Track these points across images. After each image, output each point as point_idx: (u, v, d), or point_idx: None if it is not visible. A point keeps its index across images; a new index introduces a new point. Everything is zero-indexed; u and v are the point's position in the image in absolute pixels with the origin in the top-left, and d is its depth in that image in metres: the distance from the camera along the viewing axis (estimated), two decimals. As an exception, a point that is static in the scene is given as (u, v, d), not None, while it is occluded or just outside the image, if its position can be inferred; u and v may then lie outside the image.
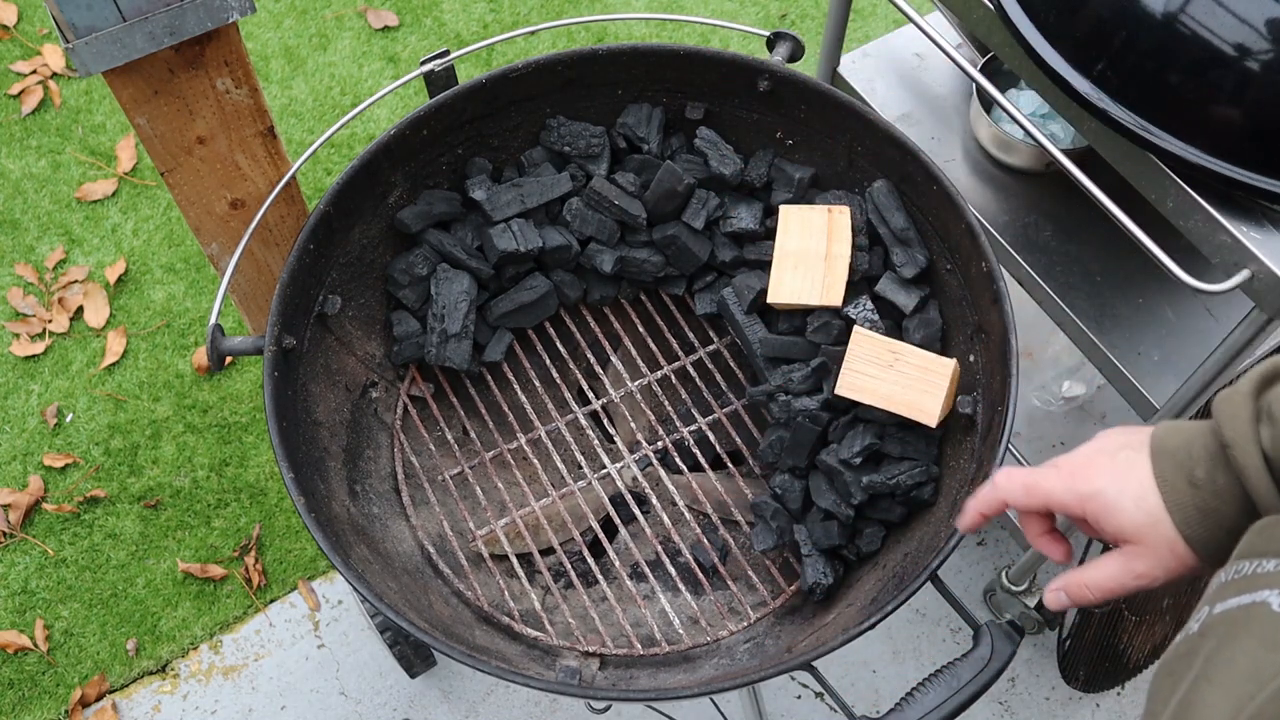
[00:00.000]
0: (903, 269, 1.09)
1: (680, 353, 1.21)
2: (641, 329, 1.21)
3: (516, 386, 1.18)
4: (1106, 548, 0.70)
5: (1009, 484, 0.71)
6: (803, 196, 1.15)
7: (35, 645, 1.57)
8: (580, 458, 1.19)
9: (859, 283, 1.12)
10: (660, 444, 1.18)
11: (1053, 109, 1.07)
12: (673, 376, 1.20)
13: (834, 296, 1.09)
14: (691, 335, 1.23)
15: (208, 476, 1.69)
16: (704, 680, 0.98)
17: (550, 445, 1.15)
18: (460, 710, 1.53)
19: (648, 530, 1.12)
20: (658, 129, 1.16)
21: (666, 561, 1.11)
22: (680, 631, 1.07)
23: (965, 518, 0.74)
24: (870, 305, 1.10)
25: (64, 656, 1.57)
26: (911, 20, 1.14)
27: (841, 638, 0.87)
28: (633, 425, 1.18)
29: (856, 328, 1.05)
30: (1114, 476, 0.66)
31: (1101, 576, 0.67)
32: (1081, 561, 1.43)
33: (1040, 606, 1.48)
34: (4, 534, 1.64)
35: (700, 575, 1.11)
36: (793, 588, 1.10)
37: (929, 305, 1.10)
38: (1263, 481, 0.59)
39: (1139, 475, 0.64)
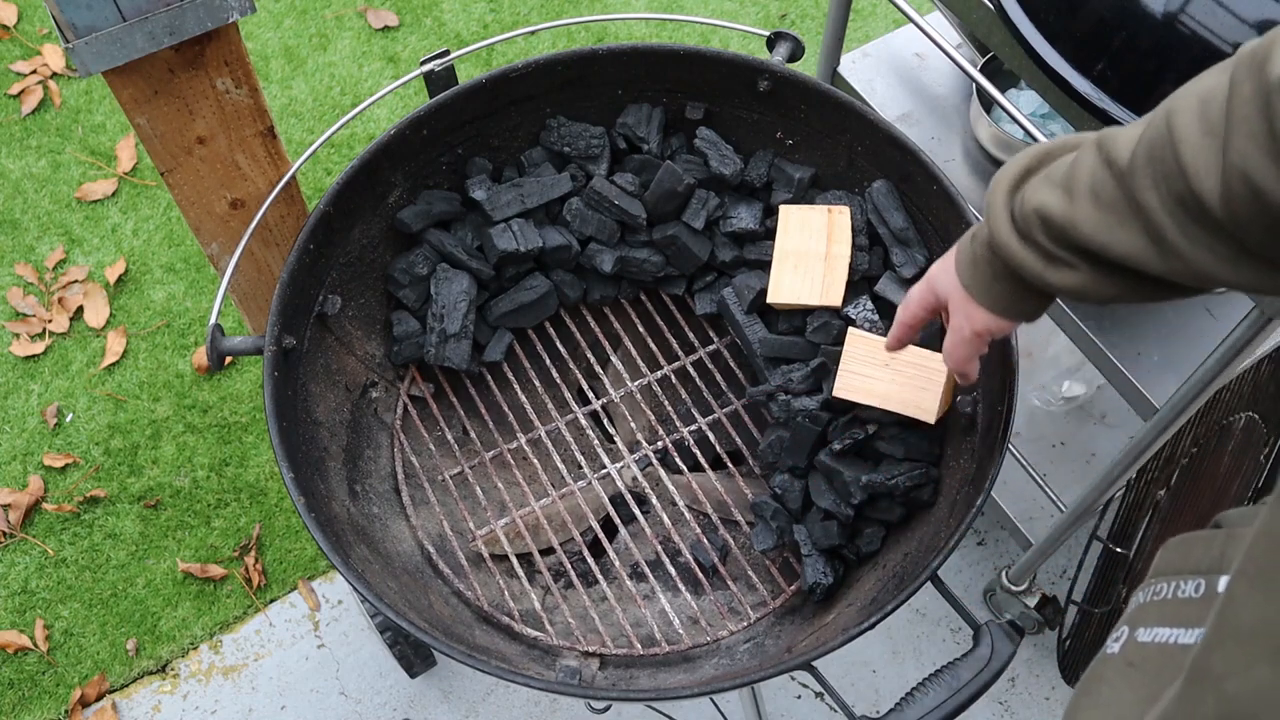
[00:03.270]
0: (902, 269, 1.09)
1: (680, 353, 1.21)
2: (641, 329, 1.21)
3: (516, 386, 1.18)
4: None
5: (905, 306, 0.87)
6: (803, 196, 1.15)
7: (35, 645, 1.57)
8: (580, 458, 1.19)
9: (859, 283, 1.12)
10: (660, 444, 1.18)
11: (1053, 109, 1.07)
12: (673, 376, 1.20)
13: (834, 296, 1.09)
14: (691, 335, 1.23)
15: (208, 476, 1.69)
16: (704, 680, 0.98)
17: (550, 445, 1.15)
18: (460, 710, 1.53)
19: (648, 530, 1.12)
20: (658, 129, 1.16)
21: (666, 561, 1.11)
22: (680, 631, 1.07)
23: (889, 342, 0.91)
24: (870, 305, 1.10)
25: (64, 656, 1.57)
26: (911, 20, 1.14)
27: (841, 638, 0.87)
28: (633, 425, 1.18)
29: (851, 329, 1.05)
30: (941, 262, 0.81)
31: (948, 341, 0.82)
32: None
33: (1040, 606, 1.48)
34: (4, 534, 1.64)
35: (700, 575, 1.11)
36: (793, 588, 1.10)
37: (929, 305, 1.10)
38: (1002, 219, 0.69)
39: (955, 252, 0.79)
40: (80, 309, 1.84)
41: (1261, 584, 0.39)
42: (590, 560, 1.13)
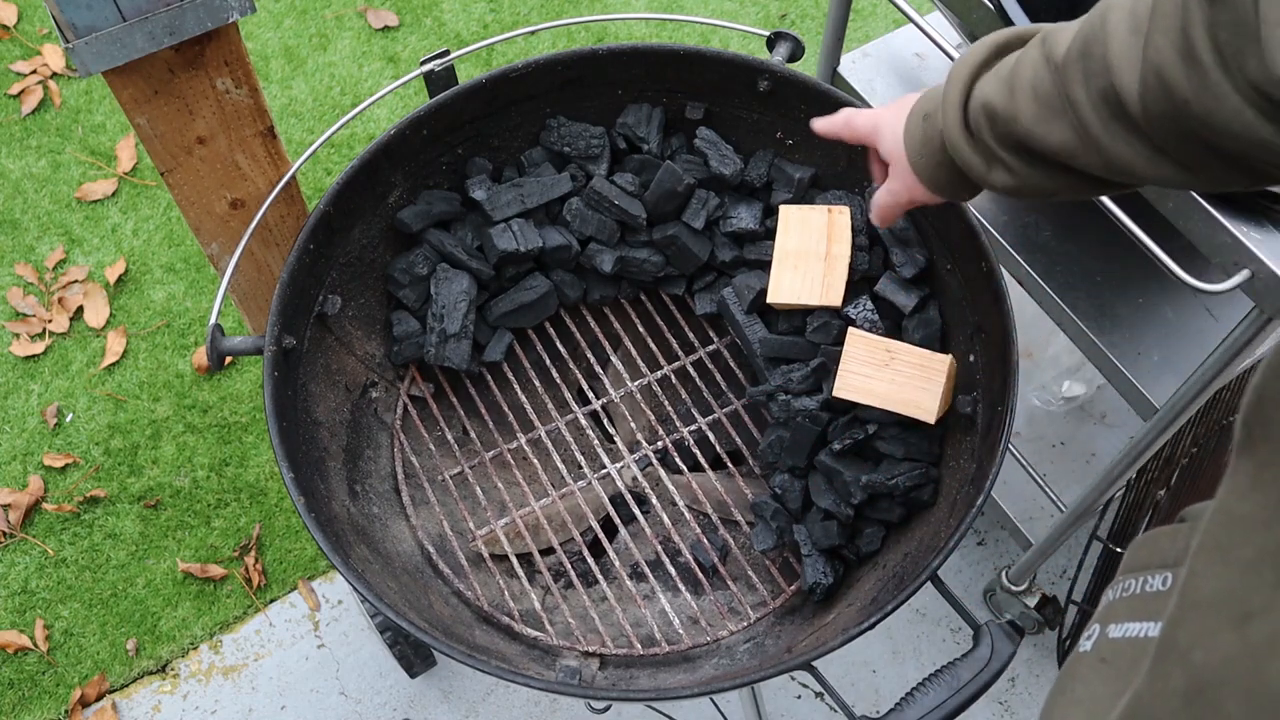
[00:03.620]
0: (902, 269, 1.09)
1: (680, 353, 1.21)
2: (641, 329, 1.21)
3: (516, 386, 1.18)
4: None
5: (840, 116, 0.89)
6: (803, 196, 1.15)
7: (35, 645, 1.57)
8: (580, 458, 1.19)
9: (859, 283, 1.12)
10: (660, 444, 1.18)
11: (1053, 109, 1.06)
12: (673, 376, 1.20)
13: (834, 296, 1.09)
14: (691, 335, 1.23)
15: (208, 476, 1.69)
16: (704, 680, 0.98)
17: (550, 445, 1.15)
18: (460, 710, 1.53)
19: (648, 530, 1.12)
20: (658, 129, 1.16)
21: (666, 561, 1.11)
22: (680, 631, 1.07)
23: (816, 125, 0.92)
24: (870, 305, 1.10)
25: (64, 656, 1.57)
26: (911, 20, 1.14)
27: (841, 638, 0.87)
28: (633, 425, 1.18)
29: (851, 329, 1.05)
30: (893, 115, 0.82)
31: (879, 195, 0.85)
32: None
33: (1040, 606, 1.48)
34: (4, 534, 1.64)
35: (700, 575, 1.11)
36: (793, 588, 1.10)
37: (929, 305, 1.10)
38: (954, 116, 0.71)
39: (905, 112, 0.80)
40: (80, 309, 1.84)
41: (1220, 556, 0.40)
42: (590, 560, 1.13)
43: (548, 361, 1.20)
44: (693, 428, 1.17)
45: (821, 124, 0.92)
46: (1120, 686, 0.50)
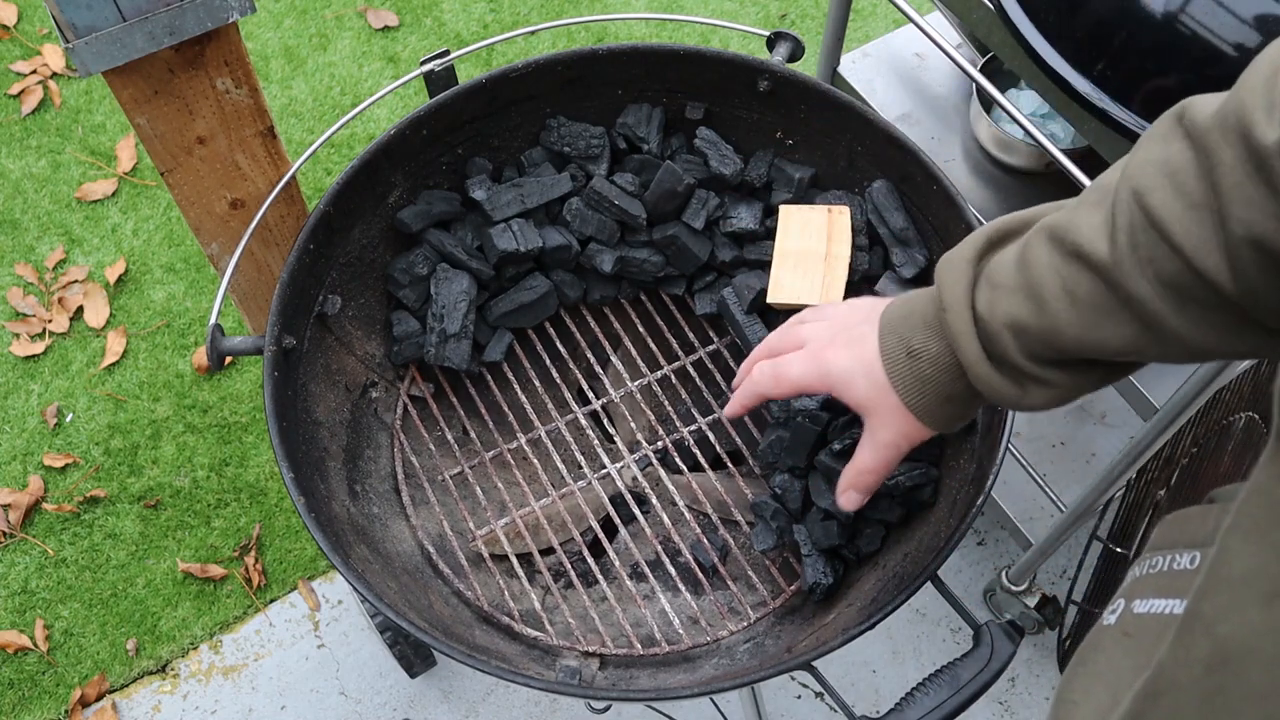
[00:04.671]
0: (902, 269, 1.09)
1: (680, 353, 1.21)
2: (641, 329, 1.21)
3: (516, 386, 1.18)
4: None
5: (761, 377, 0.76)
6: (803, 196, 1.15)
7: (35, 645, 1.57)
8: (580, 458, 1.19)
9: (859, 283, 1.12)
10: (660, 444, 1.18)
11: (1053, 109, 1.07)
12: (673, 376, 1.20)
13: (834, 296, 1.09)
14: (691, 335, 1.23)
15: (208, 476, 1.69)
16: (704, 680, 0.98)
17: (550, 445, 1.15)
18: (460, 710, 1.53)
19: (648, 530, 1.12)
20: (658, 129, 1.16)
21: (666, 561, 1.11)
22: (680, 631, 1.07)
23: (730, 408, 0.81)
24: (870, 305, 1.10)
25: (64, 656, 1.57)
26: (911, 20, 1.14)
27: (841, 638, 0.87)
28: (633, 425, 1.18)
29: None
30: (849, 353, 0.70)
31: (864, 460, 0.73)
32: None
33: (1040, 606, 1.48)
34: (4, 534, 1.64)
35: (700, 575, 1.11)
36: (793, 588, 1.10)
37: (929, 305, 1.10)
38: (972, 347, 0.62)
39: (870, 349, 0.69)
40: (80, 309, 1.84)
41: (1255, 536, 0.40)
42: (590, 560, 1.13)
43: (548, 361, 1.20)
44: (693, 428, 1.17)
45: (739, 406, 0.80)
46: (1142, 660, 0.51)
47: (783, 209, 1.13)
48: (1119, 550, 1.34)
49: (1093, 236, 0.56)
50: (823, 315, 0.77)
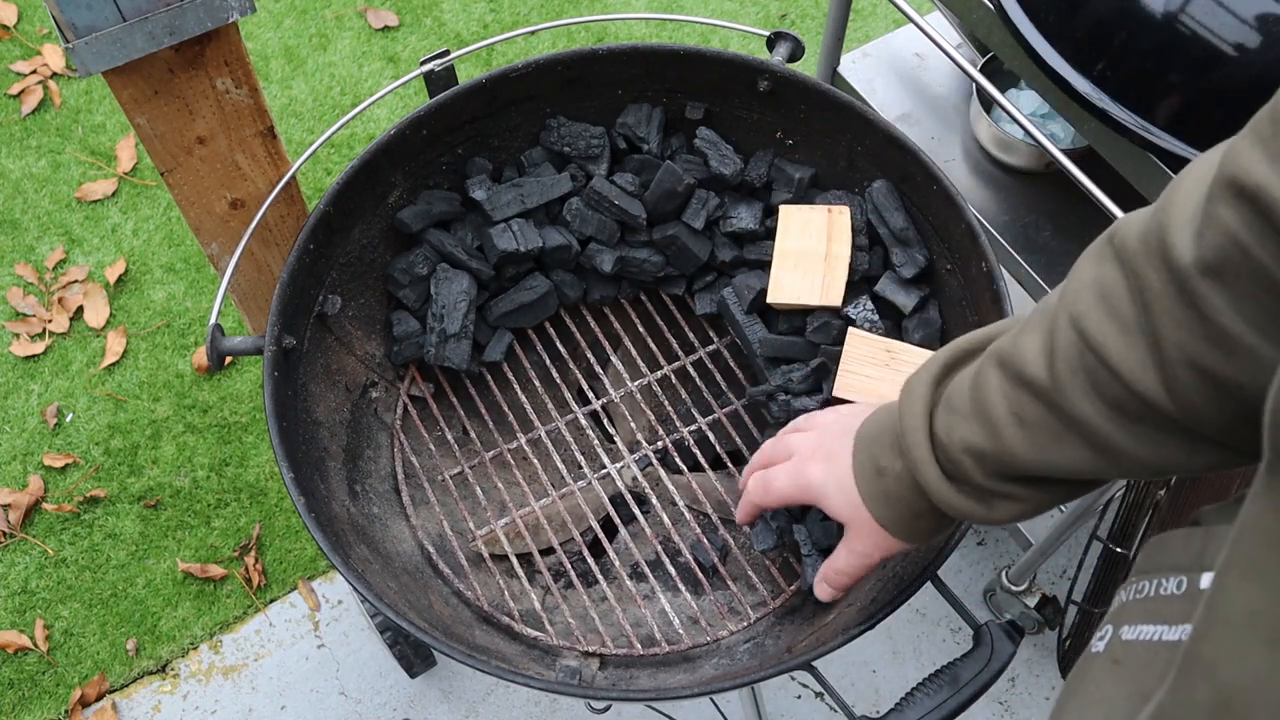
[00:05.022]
0: (902, 269, 1.09)
1: (680, 353, 1.21)
2: (641, 329, 1.21)
3: (516, 386, 1.18)
4: None
5: (753, 489, 0.81)
6: (803, 196, 1.15)
7: (35, 645, 1.57)
8: (580, 458, 1.19)
9: (859, 283, 1.12)
10: (660, 444, 1.18)
11: (1053, 109, 1.07)
12: (673, 376, 1.20)
13: (834, 296, 1.09)
14: (691, 335, 1.23)
15: (208, 476, 1.69)
16: (704, 680, 0.98)
17: (550, 445, 1.15)
18: (460, 710, 1.53)
19: (648, 530, 1.12)
20: (658, 129, 1.16)
21: (666, 561, 1.11)
22: (680, 631, 1.07)
23: (739, 517, 0.86)
24: (870, 305, 1.10)
25: (64, 656, 1.57)
26: (911, 20, 1.14)
27: (841, 638, 0.87)
28: (633, 425, 1.18)
29: (851, 329, 1.05)
30: (827, 468, 0.73)
31: (840, 562, 0.76)
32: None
33: (1040, 606, 1.48)
34: (4, 534, 1.64)
35: (700, 575, 1.11)
36: (793, 588, 1.10)
37: (929, 305, 1.10)
38: (931, 471, 0.63)
39: (845, 464, 0.71)
40: (80, 309, 1.84)
41: (1253, 575, 0.40)
42: (590, 560, 1.13)
43: (548, 361, 1.20)
44: (693, 428, 1.17)
45: (746, 516, 0.85)
46: (1133, 688, 0.50)
47: (783, 209, 1.13)
48: (1119, 550, 1.34)
49: (1034, 361, 0.56)
50: (812, 424, 0.79)
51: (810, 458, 0.75)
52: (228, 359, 1.44)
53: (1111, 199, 0.98)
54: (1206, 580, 0.50)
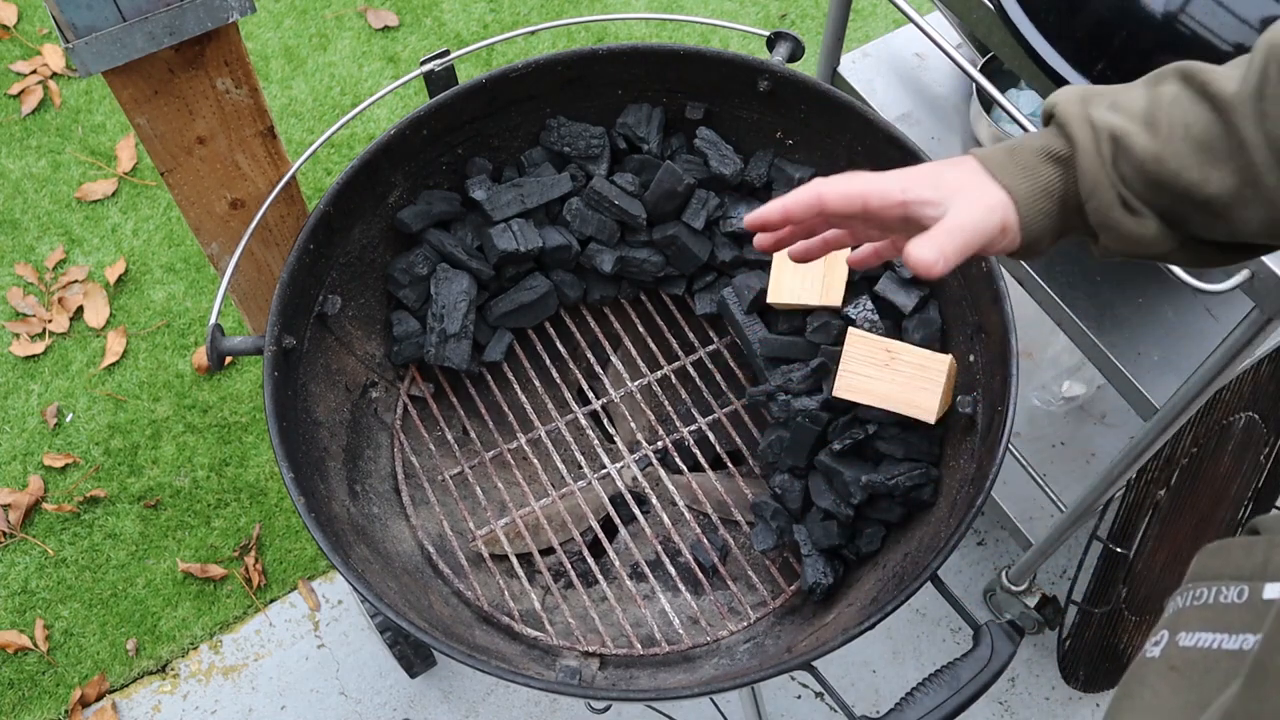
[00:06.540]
0: (902, 269, 1.10)
1: (680, 353, 1.21)
2: (641, 329, 1.21)
3: (516, 386, 1.18)
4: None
5: (830, 179, 0.64)
6: (803, 196, 1.15)
7: (35, 645, 1.57)
8: (580, 458, 1.19)
9: (859, 283, 1.12)
10: (660, 444, 1.18)
11: (1053, 109, 1.06)
12: (673, 376, 1.20)
13: (834, 296, 1.09)
14: (691, 335, 1.23)
15: (208, 476, 1.69)
16: (704, 680, 0.98)
17: (550, 445, 1.15)
18: (460, 710, 1.53)
19: (648, 530, 1.12)
20: (658, 129, 1.16)
21: (666, 561, 1.11)
22: (680, 631, 1.07)
23: (759, 211, 0.66)
24: (870, 305, 1.10)
25: (64, 656, 1.57)
26: (911, 20, 1.14)
27: (841, 638, 0.87)
28: (633, 425, 1.18)
29: (851, 329, 1.05)
30: (936, 164, 0.64)
31: (960, 217, 0.61)
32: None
33: (1040, 606, 1.48)
34: (4, 534, 1.64)
35: (700, 575, 1.11)
36: (793, 588, 1.10)
37: (929, 305, 1.10)
38: (1085, 131, 0.60)
39: (964, 160, 0.64)
40: (80, 309, 1.84)
41: None
42: (590, 560, 1.13)
43: (548, 361, 1.20)
44: (693, 428, 1.17)
45: (775, 206, 0.64)
46: (1191, 696, 0.50)
47: (783, 209, 1.13)
48: (1119, 550, 1.34)
49: (1223, 77, 0.58)
50: None
51: (909, 168, 0.65)
52: (228, 359, 1.44)
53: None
54: (1271, 590, 0.50)
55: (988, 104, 1.33)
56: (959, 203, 0.61)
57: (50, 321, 1.82)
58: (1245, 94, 0.56)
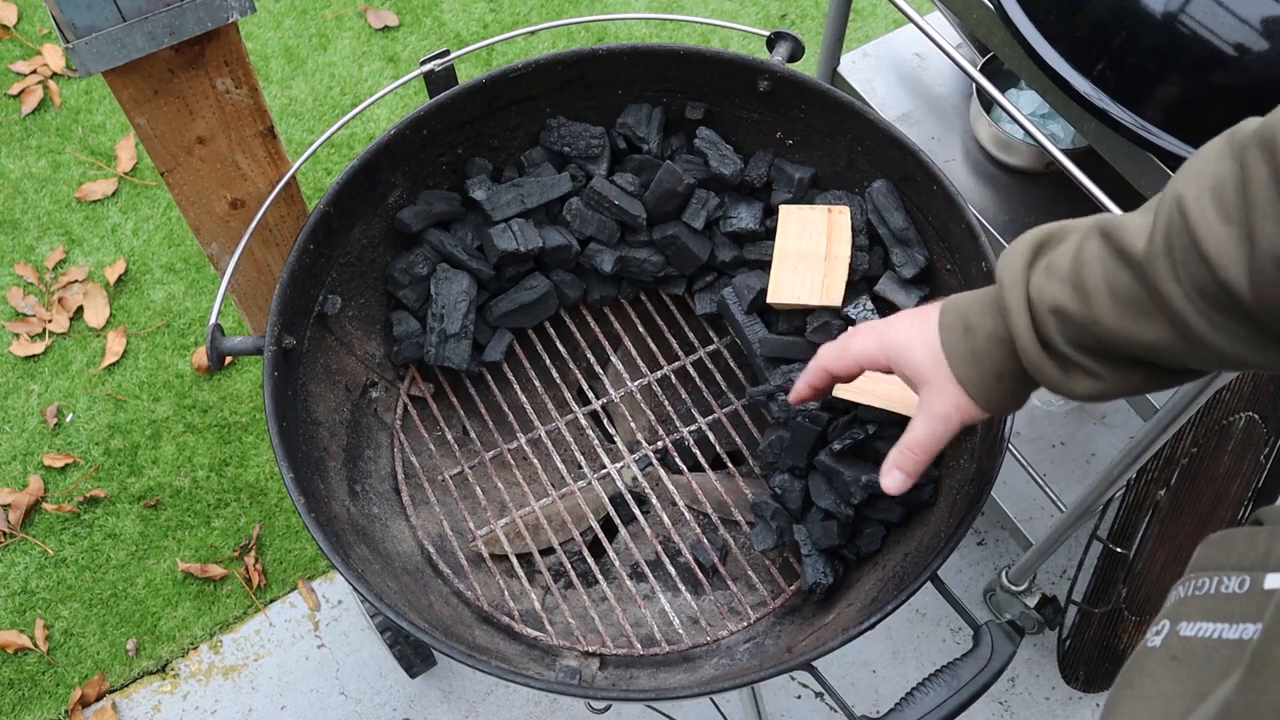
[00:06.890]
0: (902, 269, 1.09)
1: (680, 353, 1.21)
2: (641, 329, 1.21)
3: (516, 386, 1.18)
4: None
5: (827, 353, 0.82)
6: (803, 196, 1.15)
7: (35, 645, 1.57)
8: (580, 458, 1.19)
9: (859, 283, 1.12)
10: (660, 444, 1.18)
11: (1053, 109, 1.07)
12: (673, 376, 1.20)
13: (834, 297, 1.09)
14: (691, 335, 1.23)
15: (208, 476, 1.70)
16: (704, 680, 0.98)
17: (550, 445, 1.15)
18: (460, 710, 1.53)
19: (648, 530, 1.12)
20: (658, 129, 1.16)
21: (666, 561, 1.11)
22: (680, 631, 1.07)
23: (796, 391, 0.86)
24: (870, 305, 1.10)
25: (64, 656, 1.57)
26: (911, 20, 1.14)
27: (841, 638, 0.87)
28: (633, 425, 1.18)
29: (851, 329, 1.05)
30: (911, 327, 0.75)
31: (914, 432, 0.76)
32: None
33: (1040, 606, 1.48)
34: (4, 534, 1.64)
35: (700, 575, 1.11)
36: (793, 588, 1.10)
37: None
38: (1023, 322, 0.65)
39: (931, 324, 0.74)
40: (80, 309, 1.84)
41: None
42: (590, 560, 1.13)
43: (548, 361, 1.20)
44: (693, 428, 1.17)
45: (807, 388, 0.84)
46: (1192, 685, 0.51)
47: (783, 209, 1.13)
48: (1119, 550, 1.34)
49: (1135, 234, 0.59)
50: (881, 320, 0.82)
51: (894, 324, 0.76)
52: (228, 359, 1.44)
53: (1111, 199, 0.98)
54: (1272, 581, 0.51)
55: (988, 104, 1.33)
56: (919, 406, 0.75)
57: (50, 321, 1.82)
58: (1155, 251, 0.58)
